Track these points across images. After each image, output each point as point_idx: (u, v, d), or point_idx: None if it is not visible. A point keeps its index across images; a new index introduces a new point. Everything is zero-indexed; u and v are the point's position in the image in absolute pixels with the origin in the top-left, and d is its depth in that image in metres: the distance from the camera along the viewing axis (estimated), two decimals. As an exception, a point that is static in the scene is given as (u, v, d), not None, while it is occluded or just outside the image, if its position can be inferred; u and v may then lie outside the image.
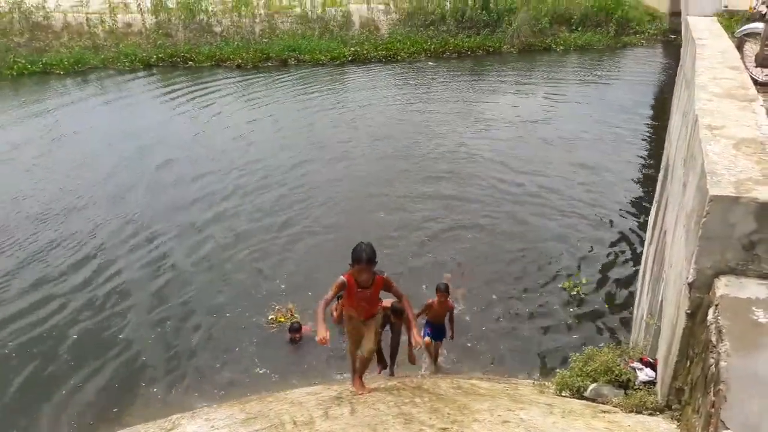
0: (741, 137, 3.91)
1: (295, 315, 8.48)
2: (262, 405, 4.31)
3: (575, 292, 8.96)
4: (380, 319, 5.36)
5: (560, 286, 9.17)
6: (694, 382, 2.89)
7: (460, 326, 7.81)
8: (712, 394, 2.33)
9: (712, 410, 2.25)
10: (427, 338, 7.14)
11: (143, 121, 16.82)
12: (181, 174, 13.47)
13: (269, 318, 8.53)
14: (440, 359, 7.53)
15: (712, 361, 2.57)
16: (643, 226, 10.12)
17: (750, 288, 2.98)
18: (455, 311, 7.47)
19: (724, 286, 3.00)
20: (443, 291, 7.06)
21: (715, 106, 4.59)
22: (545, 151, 14.22)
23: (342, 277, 4.60)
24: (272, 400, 4.62)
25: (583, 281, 9.18)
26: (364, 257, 4.43)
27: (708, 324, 2.87)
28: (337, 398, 3.89)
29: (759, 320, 2.72)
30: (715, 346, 2.62)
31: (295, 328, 8.05)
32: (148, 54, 22.49)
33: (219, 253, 10.43)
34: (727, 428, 1.99)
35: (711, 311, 2.94)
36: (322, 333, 4.19)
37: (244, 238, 10.87)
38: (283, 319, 8.42)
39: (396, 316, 6.50)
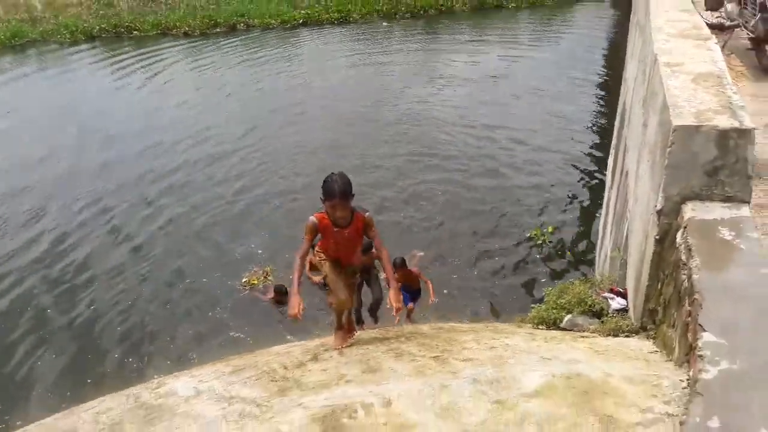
0: (698, 72, 4.06)
1: (269, 278, 8.46)
2: (245, 360, 4.34)
3: (541, 241, 9.21)
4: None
5: (528, 235, 9.39)
6: (667, 300, 3.06)
7: (435, 280, 7.93)
8: (687, 304, 2.48)
9: (689, 319, 2.40)
10: (410, 304, 7.16)
11: (87, 94, 16.31)
12: (130, 146, 13.13)
13: (243, 281, 8.50)
14: (414, 314, 7.66)
15: (684, 277, 2.72)
16: (603, 172, 10.41)
17: (715, 211, 3.15)
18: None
19: (690, 211, 3.16)
20: (400, 266, 7.02)
21: (672, 45, 4.74)
22: (506, 105, 14.40)
23: (312, 217, 3.84)
24: (254, 355, 4.65)
25: (550, 230, 9.42)
26: (336, 190, 3.64)
27: (677, 245, 3.03)
28: (322, 346, 3.96)
29: (725, 237, 2.89)
30: (685, 264, 2.78)
31: (283, 291, 7.84)
32: (90, 25, 21.54)
33: (180, 222, 10.28)
34: (705, 330, 2.14)
35: (679, 234, 3.10)
36: (294, 307, 3.56)
37: (203, 205, 10.76)
38: (256, 282, 8.40)
39: (364, 254, 5.73)
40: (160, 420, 3.06)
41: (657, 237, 3.35)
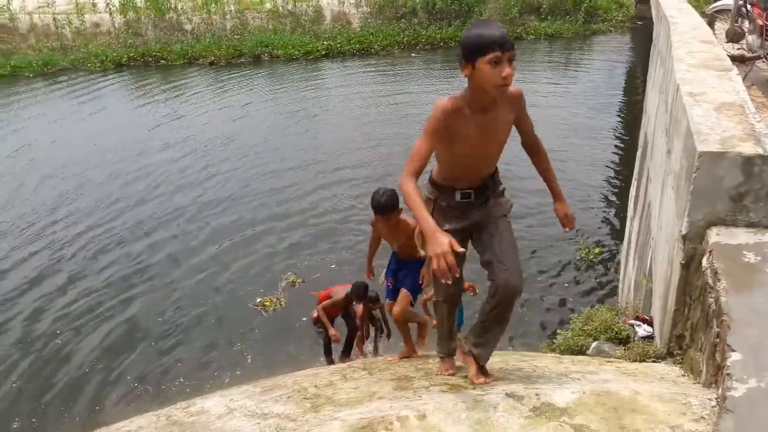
0: (721, 102, 4.14)
1: (282, 301, 8.55)
2: (273, 381, 4.40)
3: (587, 259, 9.30)
4: None
5: (569, 259, 9.47)
6: (694, 325, 3.09)
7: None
8: (715, 326, 2.52)
9: (717, 340, 2.44)
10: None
11: (117, 122, 16.74)
12: (161, 175, 13.38)
13: (257, 301, 8.58)
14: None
15: (711, 300, 2.77)
16: (624, 201, 10.38)
17: (740, 236, 3.20)
18: None
19: (715, 236, 3.22)
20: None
21: (694, 75, 4.83)
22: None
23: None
24: (280, 378, 4.70)
25: (597, 250, 9.45)
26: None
27: (703, 269, 3.08)
28: (349, 368, 4.02)
29: (750, 261, 2.93)
30: (712, 287, 2.82)
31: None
32: (118, 54, 22.22)
33: (193, 245, 10.46)
34: (734, 350, 2.18)
35: (705, 258, 3.15)
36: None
37: (220, 227, 10.95)
38: (268, 303, 8.49)
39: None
40: (194, 435, 3.13)
41: (682, 262, 3.39)
